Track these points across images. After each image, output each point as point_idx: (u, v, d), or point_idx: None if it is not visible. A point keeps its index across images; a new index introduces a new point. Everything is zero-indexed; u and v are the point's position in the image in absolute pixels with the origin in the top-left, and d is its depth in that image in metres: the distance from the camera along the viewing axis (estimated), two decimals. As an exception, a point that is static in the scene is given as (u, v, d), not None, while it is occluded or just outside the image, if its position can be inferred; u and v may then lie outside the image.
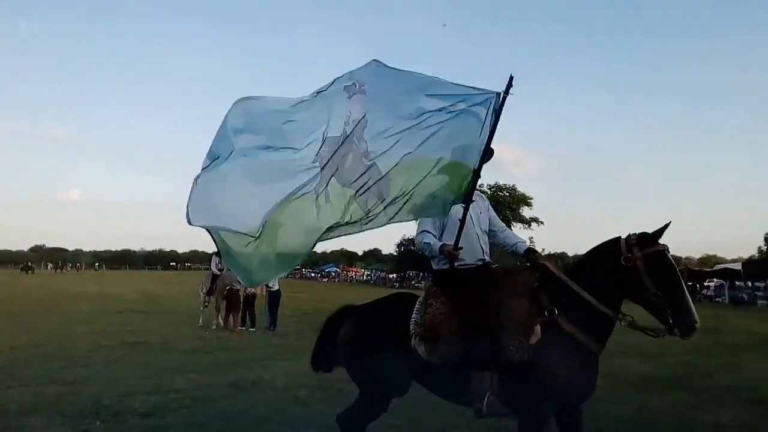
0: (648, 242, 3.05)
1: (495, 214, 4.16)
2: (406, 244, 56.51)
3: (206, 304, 13.89)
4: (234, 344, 10.53)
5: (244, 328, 12.82)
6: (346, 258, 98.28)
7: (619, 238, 3.17)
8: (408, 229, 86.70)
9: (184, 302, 20.50)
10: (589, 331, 3.08)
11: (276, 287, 13.04)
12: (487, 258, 3.68)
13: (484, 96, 3.20)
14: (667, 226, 3.00)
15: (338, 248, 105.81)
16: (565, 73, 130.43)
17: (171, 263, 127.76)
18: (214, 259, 13.80)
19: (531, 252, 3.66)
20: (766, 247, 52.69)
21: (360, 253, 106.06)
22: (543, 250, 61.02)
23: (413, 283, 48.48)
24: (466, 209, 3.33)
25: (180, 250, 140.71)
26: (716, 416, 5.50)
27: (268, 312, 13.12)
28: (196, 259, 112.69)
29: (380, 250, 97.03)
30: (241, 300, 12.98)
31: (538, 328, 3.09)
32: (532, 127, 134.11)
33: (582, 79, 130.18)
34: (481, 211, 3.84)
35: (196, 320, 13.51)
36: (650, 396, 6.53)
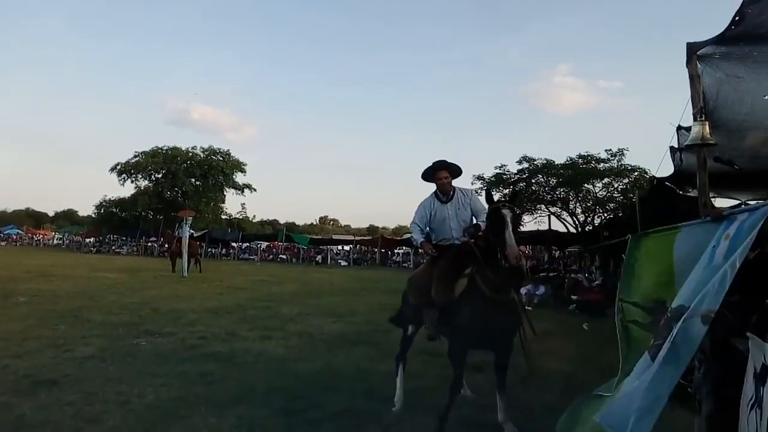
0: (490, 203, 4.19)
1: (477, 203, 4.95)
2: (106, 206, 54.29)
3: None
4: None
5: None
6: (33, 219, 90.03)
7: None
8: (109, 190, 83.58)
9: None
10: (489, 284, 4.11)
11: None
12: (456, 238, 4.80)
13: None
14: (516, 193, 5.04)
15: (23, 207, 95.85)
16: (278, 53, 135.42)
17: None
18: None
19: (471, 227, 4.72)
20: None
21: (51, 213, 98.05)
22: (254, 216, 66.32)
23: (113, 248, 46.63)
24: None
25: None
26: (390, 366, 5.82)
27: None
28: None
29: (76, 212, 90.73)
30: None
31: (464, 280, 4.27)
32: (250, 95, 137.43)
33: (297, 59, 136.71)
34: (460, 206, 4.90)
35: None
36: (337, 352, 7.17)
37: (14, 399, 4.69)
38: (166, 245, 27.00)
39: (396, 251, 40.67)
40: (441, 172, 4.90)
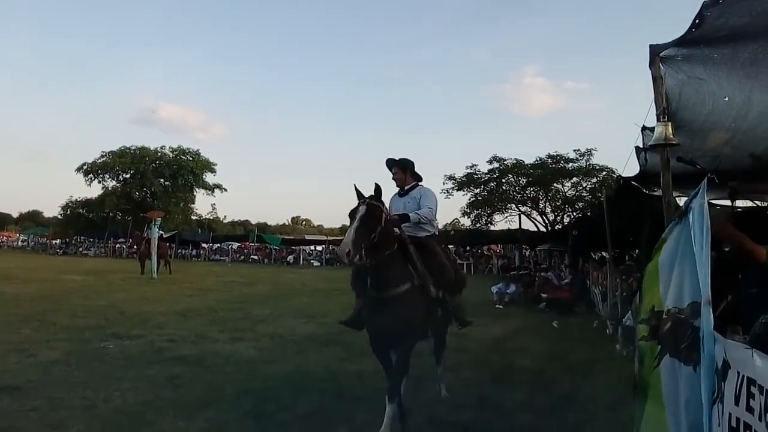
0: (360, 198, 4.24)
1: (425, 199, 4.94)
2: (72, 207, 52.92)
3: None
4: None
5: None
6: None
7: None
8: (75, 190, 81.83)
9: None
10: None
11: None
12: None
13: None
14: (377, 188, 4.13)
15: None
16: (246, 51, 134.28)
17: None
18: None
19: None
20: None
21: (15, 215, 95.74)
22: (225, 217, 65.61)
23: (81, 250, 45.94)
24: None
25: None
26: (360, 366, 6.14)
27: None
28: None
29: (41, 213, 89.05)
30: None
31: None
32: (218, 94, 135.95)
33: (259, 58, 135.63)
34: (411, 200, 4.95)
35: None
36: (308, 353, 7.17)
37: (-24, 405, 4.56)
38: (135, 247, 26.57)
39: (369, 251, 40.62)
40: (393, 169, 5.05)
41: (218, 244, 45.03)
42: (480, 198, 37.28)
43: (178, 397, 4.99)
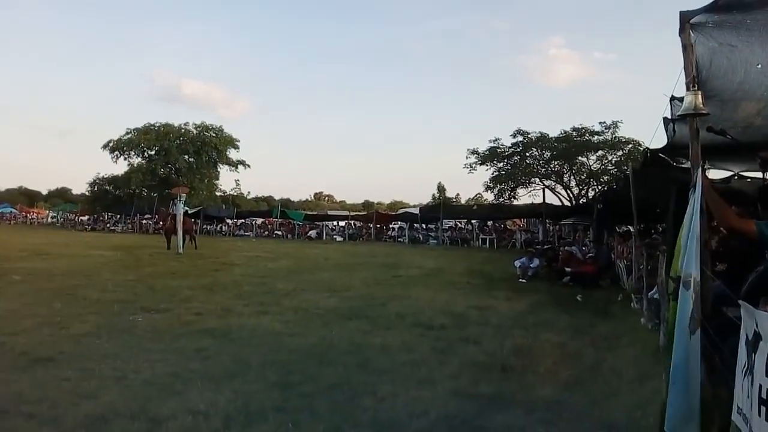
0: None
1: None
2: (99, 184, 53.42)
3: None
4: None
5: None
6: (26, 197, 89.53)
7: None
8: (102, 167, 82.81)
9: None
10: None
11: None
12: None
13: None
14: None
15: (15, 186, 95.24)
16: (270, 25, 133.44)
17: None
18: None
19: None
20: (438, 195, 66.78)
21: (44, 192, 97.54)
22: (249, 193, 66.16)
23: (108, 226, 46.35)
24: None
25: None
26: (384, 339, 6.33)
27: None
28: None
29: (69, 190, 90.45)
30: None
31: None
32: (241, 70, 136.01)
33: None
34: None
35: None
36: (332, 326, 7.20)
37: (12, 376, 4.71)
38: (161, 222, 26.85)
39: (391, 226, 40.63)
40: None
41: (242, 220, 45.50)
42: (503, 172, 37.03)
43: (205, 369, 5.08)
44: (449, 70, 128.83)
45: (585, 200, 33.02)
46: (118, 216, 48.60)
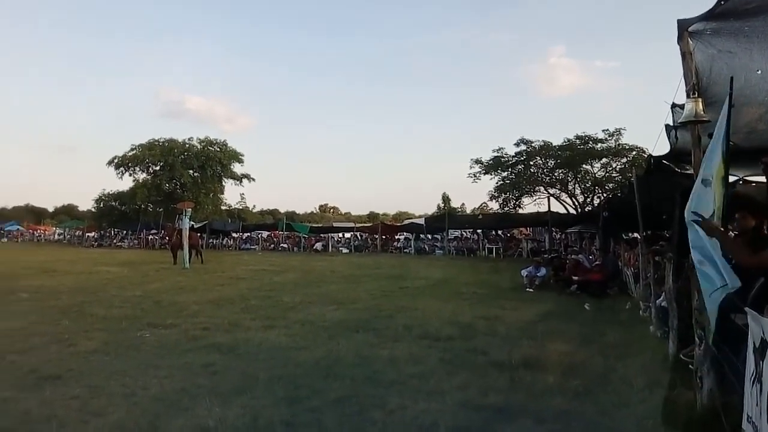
0: None
1: None
2: (105, 200, 53.96)
3: None
4: None
5: None
6: (33, 215, 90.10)
7: None
8: (108, 183, 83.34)
9: None
10: None
11: None
12: None
13: None
14: None
15: (22, 203, 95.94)
16: (269, 40, 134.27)
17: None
18: None
19: None
20: (443, 205, 66.89)
21: (51, 209, 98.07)
22: (254, 206, 66.41)
23: (115, 242, 46.81)
24: None
25: None
26: (392, 351, 6.31)
27: None
28: None
29: (76, 206, 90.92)
30: None
31: None
32: (243, 85, 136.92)
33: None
34: None
35: None
36: (338, 339, 7.16)
37: (20, 394, 4.71)
38: (167, 237, 26.98)
39: (396, 237, 40.62)
40: None
41: (248, 234, 45.56)
42: (508, 181, 37.05)
43: (213, 384, 5.08)
44: (450, 81, 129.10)
45: (590, 208, 32.97)
46: (125, 232, 49.16)
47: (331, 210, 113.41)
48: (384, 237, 39.09)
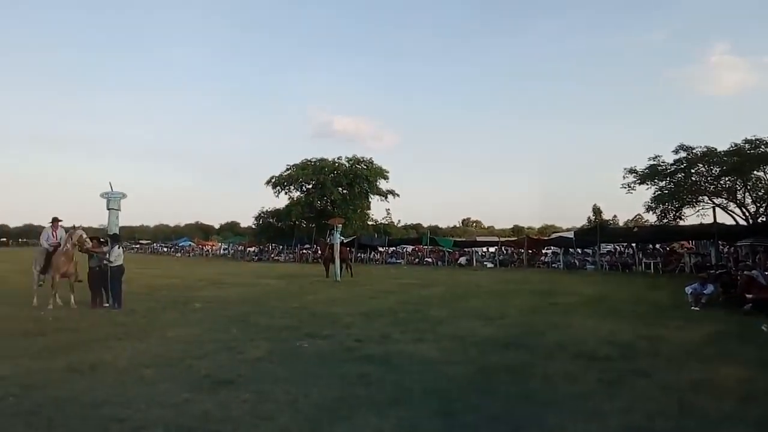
0: None
1: None
2: (264, 217, 58.72)
3: (41, 283, 12.38)
4: (73, 325, 9.39)
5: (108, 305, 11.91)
6: (202, 231, 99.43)
7: None
8: (266, 201, 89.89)
9: (15, 281, 18.37)
10: None
11: (118, 262, 12.03)
12: None
13: None
14: None
15: (193, 221, 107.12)
16: (414, 53, 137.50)
17: (1, 238, 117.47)
18: (45, 233, 12.68)
19: None
20: (594, 218, 64.29)
21: (216, 226, 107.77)
22: (399, 221, 68.12)
23: (272, 256, 49.25)
24: None
25: (12, 224, 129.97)
26: (545, 369, 6.16)
27: (111, 289, 11.96)
28: (32, 234, 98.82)
29: (238, 223, 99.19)
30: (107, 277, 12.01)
31: None
32: (390, 103, 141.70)
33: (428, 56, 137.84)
34: None
35: (30, 301, 12.00)
36: (490, 355, 7.07)
37: (199, 396, 5.18)
38: (320, 252, 28.37)
39: (543, 251, 39.26)
40: None
41: (393, 248, 46.46)
42: (666, 191, 34.38)
43: (368, 395, 5.24)
44: (599, 87, 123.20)
45: (765, 218, 29.63)
46: (281, 246, 51.92)
47: (474, 224, 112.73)
48: (530, 251, 37.94)
